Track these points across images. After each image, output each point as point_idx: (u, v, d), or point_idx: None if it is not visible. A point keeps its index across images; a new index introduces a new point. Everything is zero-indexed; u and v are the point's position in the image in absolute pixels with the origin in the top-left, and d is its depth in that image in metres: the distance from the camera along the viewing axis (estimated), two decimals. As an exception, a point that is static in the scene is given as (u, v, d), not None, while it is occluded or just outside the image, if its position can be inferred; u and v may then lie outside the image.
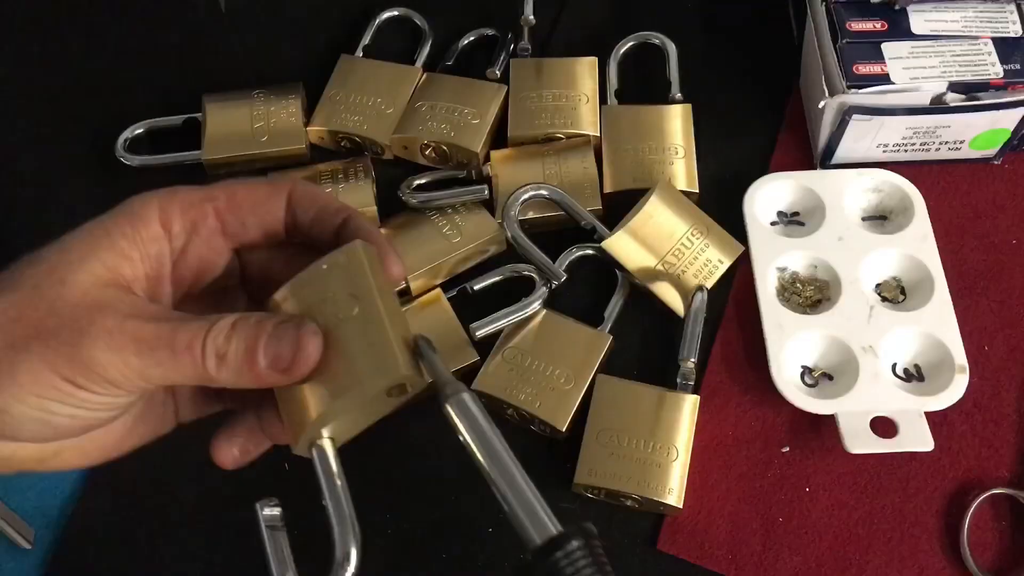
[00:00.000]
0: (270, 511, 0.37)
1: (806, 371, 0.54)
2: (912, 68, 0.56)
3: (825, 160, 0.61)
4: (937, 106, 0.56)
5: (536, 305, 0.55)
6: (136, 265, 0.34)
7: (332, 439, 0.35)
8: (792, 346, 0.53)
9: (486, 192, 0.59)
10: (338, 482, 0.34)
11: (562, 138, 0.61)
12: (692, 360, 0.53)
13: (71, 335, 0.31)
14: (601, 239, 0.56)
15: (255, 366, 0.32)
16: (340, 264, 0.34)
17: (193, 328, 0.32)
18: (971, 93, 0.56)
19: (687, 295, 0.55)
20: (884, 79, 0.56)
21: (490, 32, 0.67)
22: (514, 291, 0.56)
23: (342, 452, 0.35)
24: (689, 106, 0.62)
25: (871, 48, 0.57)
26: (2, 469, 0.35)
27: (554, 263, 0.56)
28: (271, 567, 0.36)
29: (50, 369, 0.31)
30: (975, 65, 0.56)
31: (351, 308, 0.33)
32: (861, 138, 0.59)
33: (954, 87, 0.56)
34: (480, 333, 0.53)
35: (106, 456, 0.37)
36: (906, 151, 0.60)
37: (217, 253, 0.36)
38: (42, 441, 0.34)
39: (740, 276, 0.58)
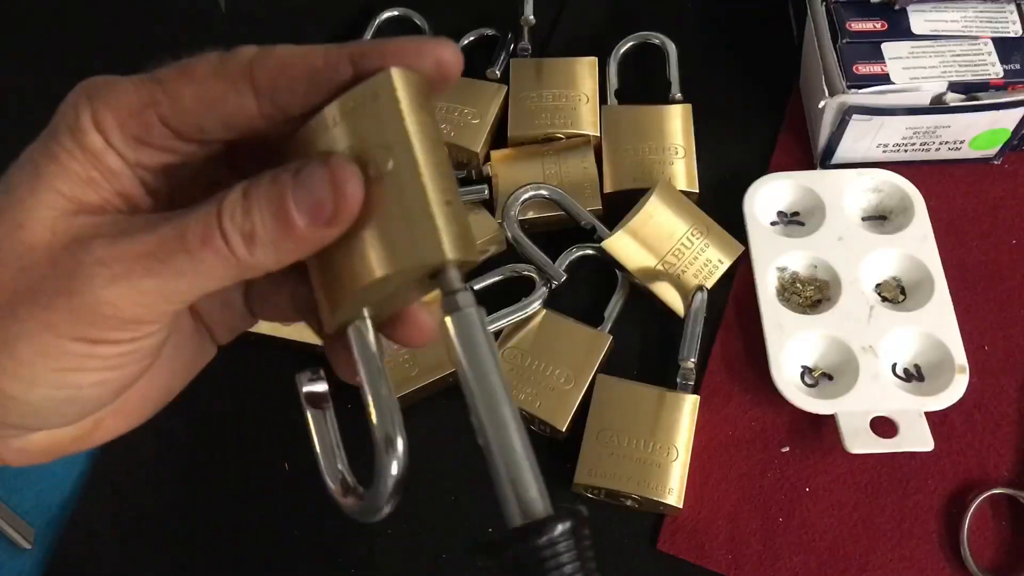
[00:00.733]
0: (312, 386, 0.31)
1: (806, 371, 0.54)
2: (912, 68, 0.56)
3: (825, 160, 0.61)
4: (937, 106, 0.56)
5: (536, 305, 0.55)
6: (101, 186, 0.27)
7: (371, 318, 0.29)
8: (792, 346, 0.53)
9: (486, 192, 0.59)
10: (378, 365, 0.29)
11: (562, 138, 0.61)
12: (692, 360, 0.52)
13: (59, 283, 0.25)
14: (601, 239, 0.56)
15: (293, 228, 0.26)
16: (366, 102, 0.27)
17: (201, 216, 0.26)
18: (971, 93, 0.56)
19: (687, 295, 0.55)
20: (884, 79, 0.56)
21: (490, 32, 0.67)
22: (514, 291, 0.56)
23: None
24: (689, 106, 0.62)
25: (871, 48, 0.57)
26: (40, 459, 0.30)
27: (554, 263, 0.56)
28: (317, 456, 0.31)
29: (52, 333, 0.26)
30: (975, 65, 0.56)
31: (385, 162, 0.26)
32: (861, 138, 0.59)
33: (954, 87, 0.56)
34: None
35: (152, 410, 0.32)
36: (906, 151, 0.60)
37: (183, 156, 0.29)
38: (74, 421, 0.29)
39: (740, 276, 0.58)
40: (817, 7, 0.59)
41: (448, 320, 0.27)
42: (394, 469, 0.28)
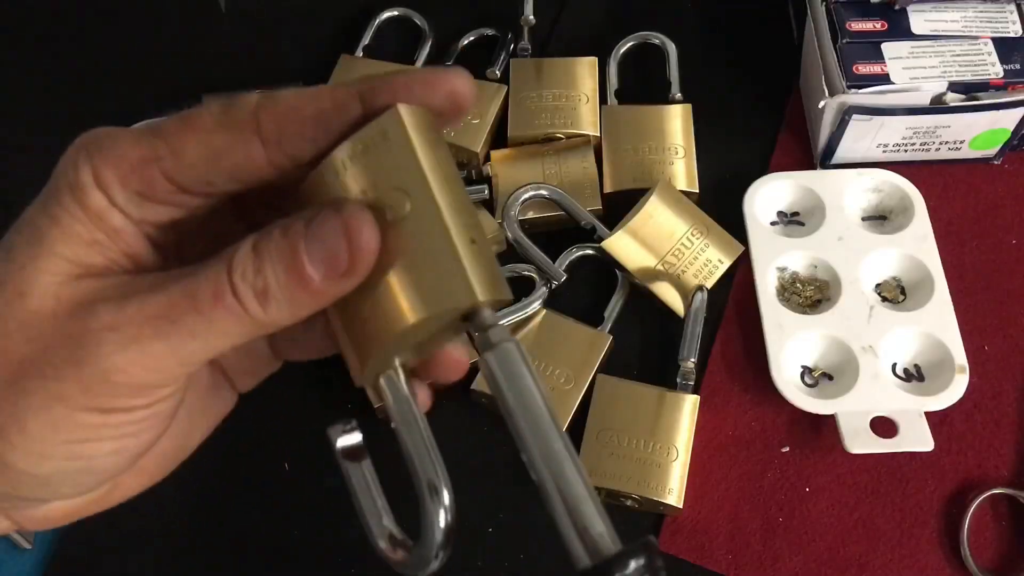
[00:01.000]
0: (346, 438, 0.29)
1: (806, 371, 0.54)
2: (912, 68, 0.56)
3: (825, 160, 0.61)
4: (937, 106, 0.56)
5: (536, 305, 0.55)
6: (105, 247, 0.26)
7: (402, 366, 0.28)
8: (792, 346, 0.53)
9: (486, 192, 0.59)
10: (414, 413, 0.28)
11: (562, 138, 0.61)
12: (692, 360, 0.53)
13: (66, 352, 0.24)
14: (601, 239, 0.56)
15: (308, 283, 0.25)
16: (377, 143, 0.25)
17: (211, 275, 0.25)
18: (971, 93, 0.56)
19: (687, 295, 0.55)
20: (884, 79, 0.56)
21: (490, 32, 0.67)
22: (514, 291, 0.56)
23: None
24: (689, 106, 0.62)
25: (871, 48, 0.57)
26: (61, 523, 0.29)
27: (554, 263, 0.56)
28: (361, 512, 0.29)
29: (63, 405, 0.24)
30: (975, 65, 0.56)
31: (402, 205, 0.25)
32: (861, 138, 0.59)
33: (954, 87, 0.56)
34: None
35: (172, 466, 0.31)
36: (906, 151, 0.60)
37: (189, 209, 0.27)
38: (91, 490, 0.28)
39: (740, 276, 0.58)
40: (817, 7, 0.59)
41: (488, 357, 0.26)
42: (442, 520, 0.27)
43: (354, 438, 0.29)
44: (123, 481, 0.29)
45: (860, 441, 0.49)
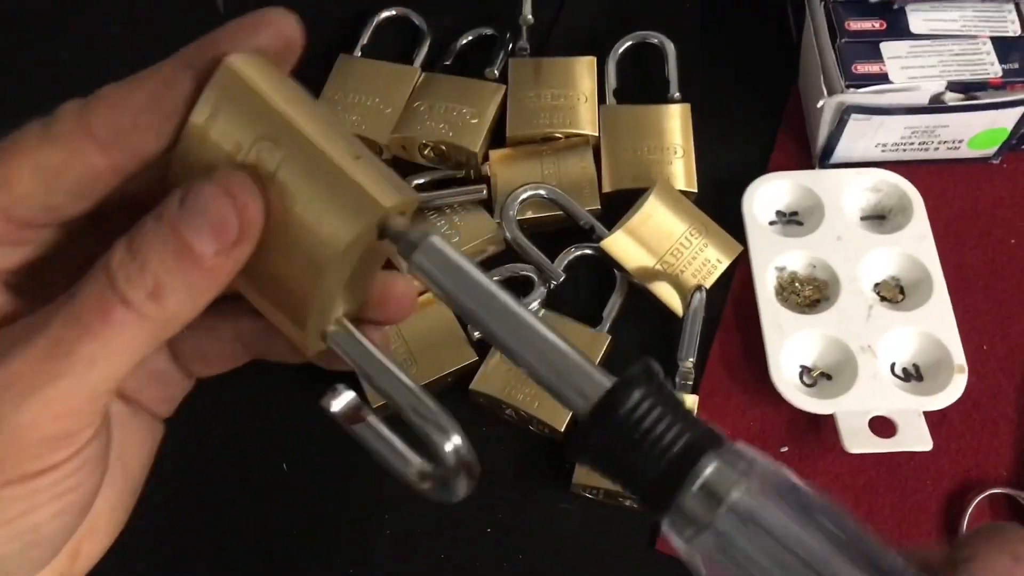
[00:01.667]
0: (340, 402, 0.27)
1: (805, 371, 0.54)
2: (911, 67, 0.56)
3: (824, 159, 0.61)
4: (936, 105, 0.56)
5: (534, 305, 0.55)
6: None
7: (344, 316, 0.27)
8: (791, 346, 0.53)
9: (484, 192, 0.59)
10: (380, 361, 0.27)
11: (561, 138, 0.61)
12: (691, 360, 0.52)
13: None
14: (600, 239, 0.56)
15: (201, 260, 0.23)
16: (222, 103, 0.24)
17: (92, 290, 0.22)
18: (970, 92, 0.56)
19: (686, 295, 0.55)
20: (883, 78, 0.56)
21: (488, 31, 0.67)
22: (512, 291, 0.55)
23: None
24: (688, 106, 0.62)
25: (870, 47, 0.57)
26: None
27: (552, 263, 0.56)
28: (385, 464, 0.27)
29: None
30: (974, 64, 0.56)
31: (273, 156, 0.24)
32: (860, 137, 0.59)
33: (953, 86, 0.56)
34: (479, 333, 0.53)
35: (124, 515, 0.29)
36: (905, 150, 0.60)
37: (40, 244, 0.25)
38: (47, 564, 0.26)
39: (739, 276, 0.58)
40: (816, 6, 0.59)
41: (415, 259, 0.25)
42: (449, 446, 0.26)
43: (347, 398, 0.27)
44: (82, 548, 0.27)
45: (859, 441, 0.49)
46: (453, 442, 0.26)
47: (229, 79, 0.24)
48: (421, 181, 0.60)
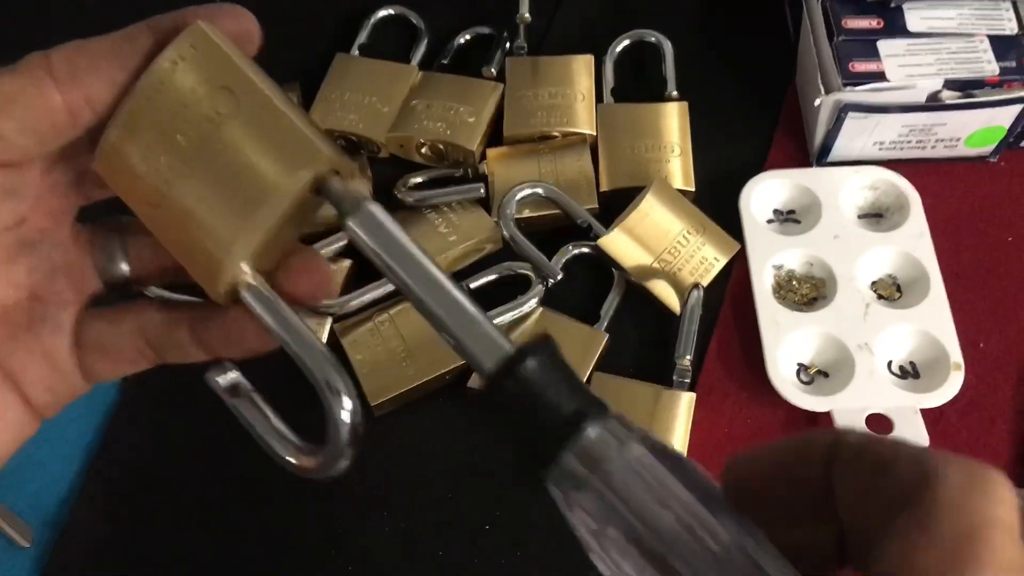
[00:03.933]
0: (225, 378, 0.30)
1: (802, 368, 0.54)
2: (908, 66, 0.56)
3: (821, 158, 0.61)
4: (933, 104, 0.56)
5: (532, 303, 0.55)
6: None
7: (258, 272, 0.28)
8: (788, 343, 0.54)
9: (482, 190, 0.59)
10: (291, 317, 0.28)
11: (558, 136, 0.61)
12: (688, 358, 0.53)
13: None
14: (597, 237, 0.56)
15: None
16: (187, 55, 0.27)
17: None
18: (967, 91, 0.56)
19: (683, 293, 0.55)
20: (880, 76, 0.56)
21: (486, 30, 0.67)
22: (510, 289, 0.56)
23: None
24: (685, 104, 0.62)
25: (867, 46, 0.57)
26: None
27: (550, 261, 0.56)
28: (260, 438, 0.30)
29: None
30: (971, 62, 0.56)
31: (230, 103, 0.27)
32: (857, 136, 0.59)
33: (950, 84, 0.56)
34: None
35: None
36: (902, 149, 0.60)
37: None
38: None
39: (736, 274, 0.58)
40: (813, 4, 0.59)
41: (351, 223, 0.27)
42: (345, 414, 0.27)
43: (232, 376, 0.30)
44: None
45: (856, 438, 0.49)
46: (348, 408, 0.27)
47: (197, 36, 0.27)
48: (419, 179, 0.60)
